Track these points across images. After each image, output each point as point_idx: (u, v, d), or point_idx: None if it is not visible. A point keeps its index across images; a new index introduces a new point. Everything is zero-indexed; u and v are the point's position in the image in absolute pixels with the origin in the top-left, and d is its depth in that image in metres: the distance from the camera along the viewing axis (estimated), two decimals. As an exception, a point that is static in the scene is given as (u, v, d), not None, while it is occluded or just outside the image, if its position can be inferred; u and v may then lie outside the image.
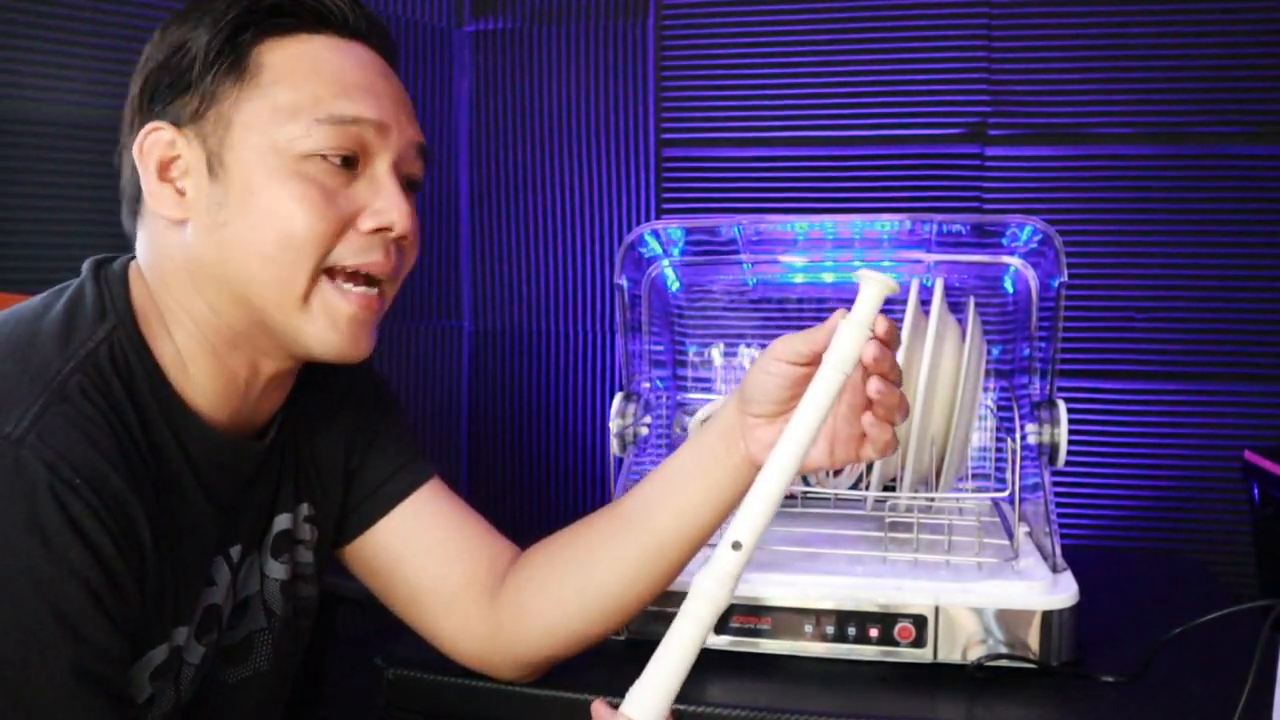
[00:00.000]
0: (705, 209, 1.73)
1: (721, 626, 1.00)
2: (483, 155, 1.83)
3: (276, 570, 0.85)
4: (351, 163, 0.74)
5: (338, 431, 0.90)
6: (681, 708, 0.93)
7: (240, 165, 0.72)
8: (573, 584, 0.87)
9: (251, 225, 0.71)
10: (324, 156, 0.72)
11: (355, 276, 0.74)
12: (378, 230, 0.74)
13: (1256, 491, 1.37)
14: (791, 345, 0.75)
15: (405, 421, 0.96)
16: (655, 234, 1.20)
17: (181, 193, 0.73)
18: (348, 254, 0.73)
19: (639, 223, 1.74)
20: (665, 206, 1.75)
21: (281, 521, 0.85)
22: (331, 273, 0.74)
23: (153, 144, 0.73)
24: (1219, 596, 1.24)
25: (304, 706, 1.24)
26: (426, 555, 0.90)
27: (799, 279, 1.29)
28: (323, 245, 0.72)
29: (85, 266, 0.77)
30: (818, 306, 1.32)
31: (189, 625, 0.74)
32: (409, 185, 0.78)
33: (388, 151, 0.75)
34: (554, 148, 1.79)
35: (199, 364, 0.75)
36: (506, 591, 0.89)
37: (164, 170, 0.73)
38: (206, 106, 0.72)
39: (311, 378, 0.86)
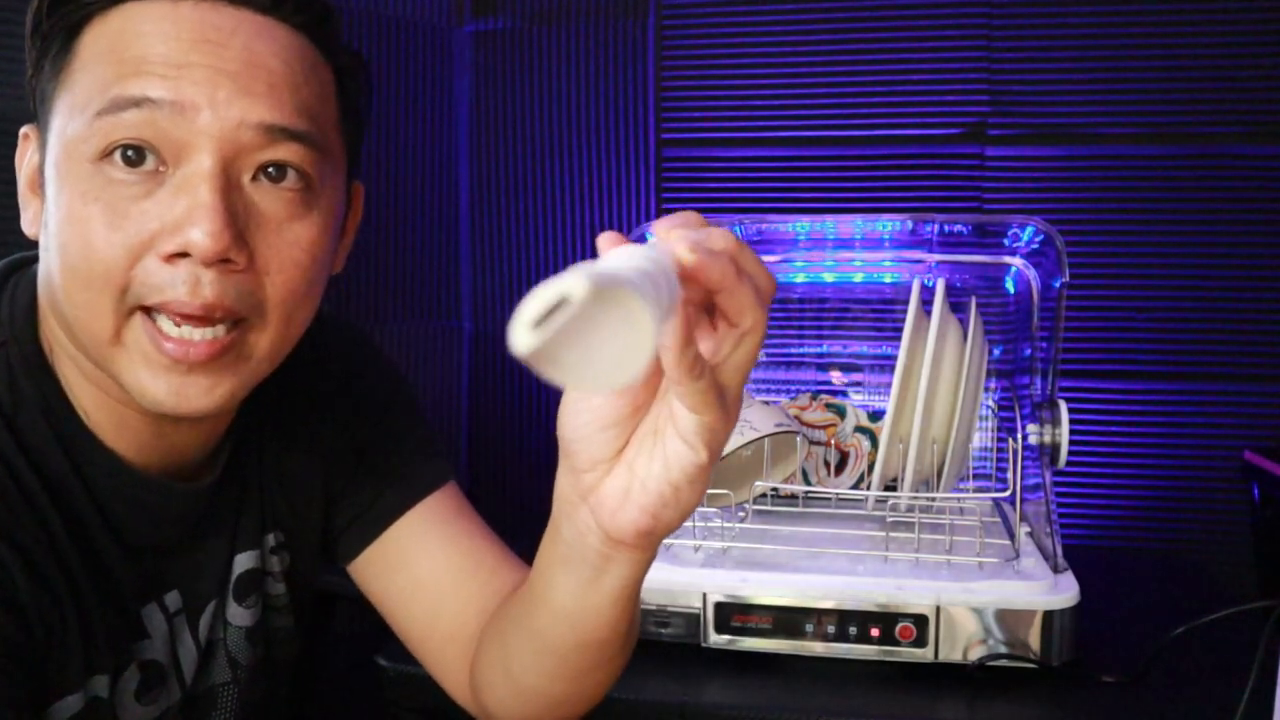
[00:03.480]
0: (705, 209, 1.73)
1: (722, 626, 1.00)
2: (483, 155, 1.83)
3: (241, 617, 0.75)
4: (145, 159, 0.58)
5: (317, 449, 0.79)
6: (682, 706, 0.93)
7: (49, 178, 0.60)
8: (499, 671, 0.71)
9: (55, 253, 0.59)
10: (110, 157, 0.57)
11: (172, 314, 0.59)
12: (178, 255, 0.57)
13: (1256, 491, 1.37)
14: None
15: (408, 425, 0.84)
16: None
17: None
18: (146, 289, 0.57)
19: (639, 223, 1.74)
20: (665, 206, 1.75)
21: (244, 561, 0.74)
22: (149, 309, 0.59)
23: (21, 154, 0.64)
24: (1219, 596, 1.25)
25: (302, 704, 1.24)
26: (413, 594, 0.79)
27: (800, 279, 1.30)
28: (113, 279, 0.57)
29: None
30: (818, 307, 1.33)
31: (108, 674, 0.64)
32: (276, 179, 0.60)
33: (203, 141, 0.57)
34: (554, 147, 1.79)
35: (89, 397, 0.64)
36: (473, 662, 0.75)
37: (33, 184, 0.63)
38: (39, 107, 0.62)
39: (294, 392, 0.77)
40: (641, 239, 1.22)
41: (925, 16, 1.62)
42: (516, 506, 1.84)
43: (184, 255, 0.57)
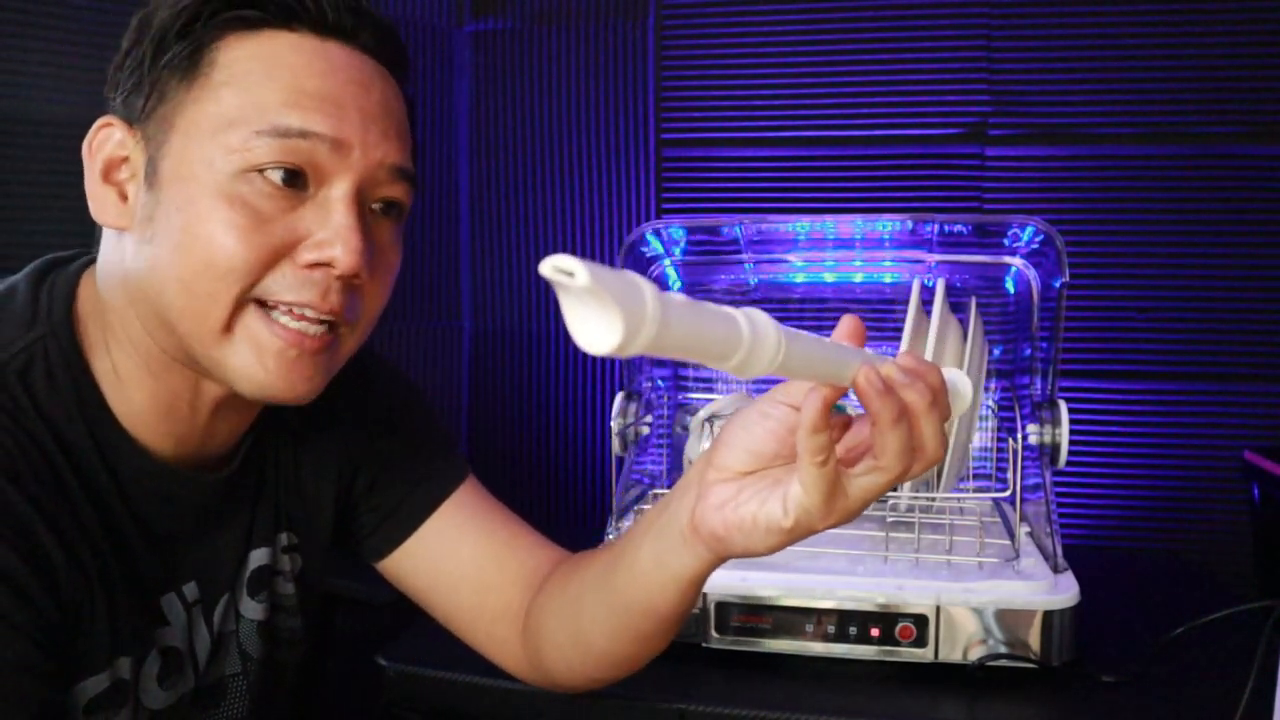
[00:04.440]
0: (705, 209, 1.73)
1: (722, 626, 1.00)
2: (483, 155, 1.83)
3: (253, 610, 0.79)
4: (298, 181, 0.64)
5: (330, 457, 0.83)
6: (683, 707, 0.93)
7: (173, 176, 0.64)
8: (568, 631, 0.79)
9: (174, 246, 0.64)
10: (262, 172, 0.63)
11: (292, 311, 0.65)
12: (318, 265, 0.65)
13: (1256, 491, 1.37)
14: (795, 391, 0.61)
15: (425, 425, 0.89)
16: (657, 233, 1.20)
17: (125, 198, 0.67)
18: (279, 288, 0.64)
19: (639, 223, 1.74)
20: (665, 206, 1.75)
21: (258, 557, 0.79)
22: (264, 303, 0.65)
23: (101, 141, 0.67)
24: (1219, 596, 1.25)
25: (304, 705, 1.24)
26: (458, 582, 0.84)
27: (800, 279, 1.30)
28: (247, 276, 0.64)
29: (30, 267, 0.71)
30: (819, 306, 1.33)
31: (131, 658, 0.68)
32: (385, 212, 0.69)
33: (348, 173, 0.65)
34: (554, 147, 1.79)
35: (137, 384, 0.68)
36: (529, 622, 0.83)
37: (109, 171, 0.67)
38: (154, 105, 0.65)
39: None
40: (641, 239, 1.21)
41: (925, 16, 1.62)
42: (516, 506, 1.84)
43: (321, 266, 0.65)
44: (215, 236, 0.63)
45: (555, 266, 0.37)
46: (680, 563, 0.67)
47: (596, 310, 0.38)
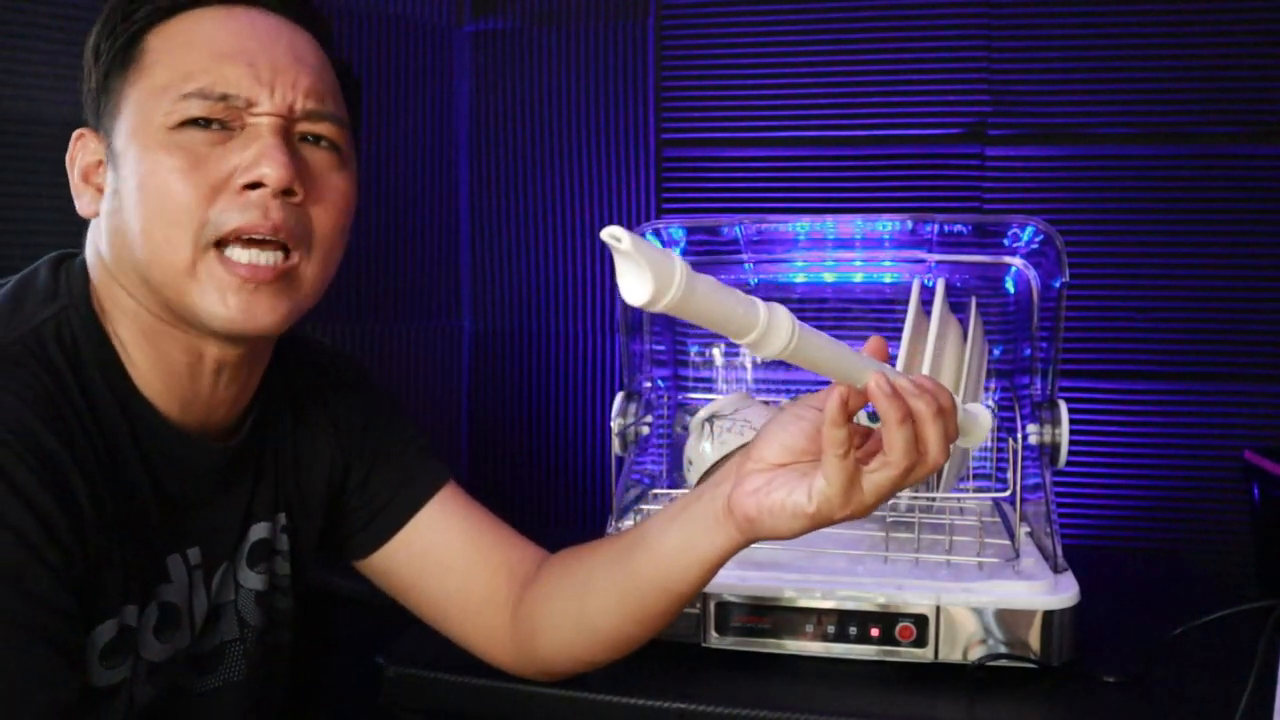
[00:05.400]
0: (705, 209, 1.73)
1: (723, 626, 1.00)
2: (483, 155, 1.83)
3: (253, 580, 0.84)
4: (224, 126, 0.72)
5: (325, 451, 0.89)
6: (683, 707, 0.93)
7: (124, 150, 0.72)
8: (571, 613, 0.84)
9: (133, 205, 0.71)
10: (194, 124, 0.71)
11: (247, 242, 0.71)
12: (252, 186, 0.71)
13: (1256, 491, 1.37)
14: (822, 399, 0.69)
15: (411, 431, 0.95)
16: (657, 233, 1.20)
17: (100, 190, 0.75)
18: (226, 218, 0.70)
19: (639, 223, 1.74)
20: (665, 206, 1.75)
21: (259, 530, 0.84)
22: (221, 243, 0.71)
23: (78, 151, 0.76)
24: (1219, 596, 1.25)
25: (303, 706, 1.24)
26: (445, 572, 0.89)
27: (800, 279, 1.30)
28: (196, 212, 0.70)
29: (45, 258, 0.78)
30: (819, 306, 1.33)
31: (137, 606, 0.73)
32: (315, 142, 0.75)
33: (265, 112, 0.72)
34: (554, 148, 1.79)
35: (141, 353, 0.74)
36: (523, 608, 0.87)
37: (88, 175, 0.76)
38: (105, 102, 0.74)
39: (307, 393, 0.86)
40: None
41: (925, 16, 1.62)
42: (516, 506, 1.84)
43: (255, 187, 0.70)
44: (166, 183, 0.70)
45: (610, 234, 0.50)
46: (710, 542, 0.74)
47: (636, 271, 0.51)
